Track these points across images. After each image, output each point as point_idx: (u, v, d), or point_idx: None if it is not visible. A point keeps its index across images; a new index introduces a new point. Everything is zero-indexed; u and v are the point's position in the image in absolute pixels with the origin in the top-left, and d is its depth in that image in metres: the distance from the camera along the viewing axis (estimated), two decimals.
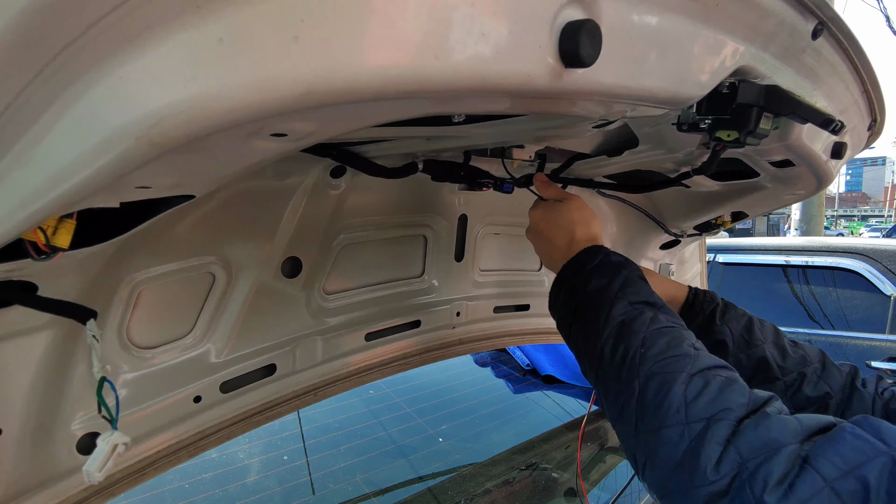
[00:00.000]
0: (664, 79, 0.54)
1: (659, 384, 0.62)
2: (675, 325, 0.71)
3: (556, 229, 0.91)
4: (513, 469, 1.56)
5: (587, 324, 0.75)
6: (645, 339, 0.67)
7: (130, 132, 0.33)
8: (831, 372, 0.86)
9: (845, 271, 3.83)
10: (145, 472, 0.86)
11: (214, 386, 0.92)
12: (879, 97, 1.01)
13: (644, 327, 0.69)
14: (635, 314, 0.71)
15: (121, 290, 0.78)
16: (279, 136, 0.40)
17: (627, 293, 0.75)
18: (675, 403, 0.59)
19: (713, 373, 0.62)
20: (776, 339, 0.91)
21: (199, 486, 1.28)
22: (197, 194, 0.49)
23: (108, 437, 0.56)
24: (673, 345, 0.66)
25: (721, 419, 0.56)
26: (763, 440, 0.53)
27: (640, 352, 0.66)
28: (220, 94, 0.32)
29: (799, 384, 0.85)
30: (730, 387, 0.60)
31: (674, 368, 0.63)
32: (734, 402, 0.58)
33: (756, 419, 0.55)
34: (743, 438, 0.54)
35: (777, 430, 0.53)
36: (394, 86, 0.36)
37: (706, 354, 0.66)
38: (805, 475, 0.48)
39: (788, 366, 0.87)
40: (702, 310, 0.95)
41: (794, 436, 0.53)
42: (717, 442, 0.54)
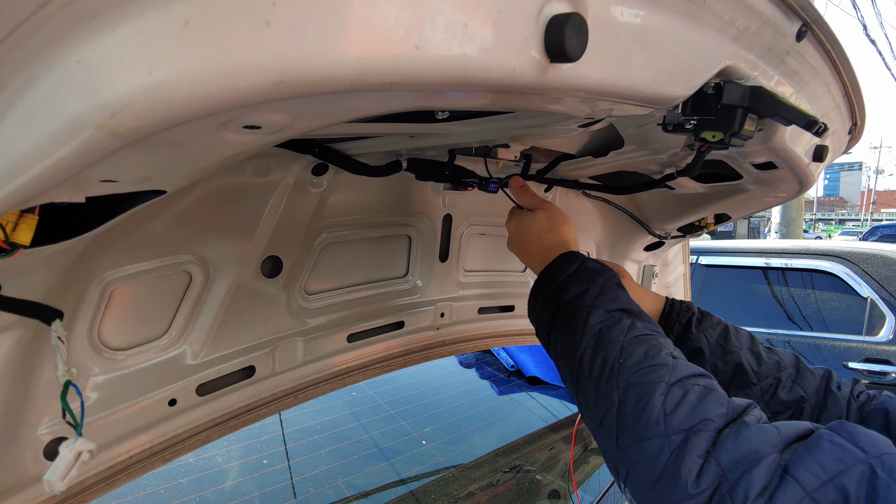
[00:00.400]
0: (650, 77, 0.54)
1: (638, 395, 0.62)
2: (652, 333, 0.71)
3: (529, 238, 0.92)
4: (497, 471, 1.55)
5: (565, 332, 0.75)
6: (623, 348, 0.68)
7: (90, 121, 0.31)
8: (805, 376, 0.87)
9: (823, 273, 3.90)
10: (116, 479, 0.83)
11: (191, 388, 0.89)
12: (860, 101, 1.02)
13: (622, 336, 0.69)
14: (613, 322, 0.71)
15: (91, 289, 0.75)
16: (253, 128, 0.38)
17: (605, 301, 0.75)
18: (655, 415, 0.59)
19: (691, 382, 0.62)
20: (751, 346, 0.92)
21: (175, 491, 1.24)
22: (168, 189, 0.47)
23: (71, 444, 0.53)
24: (651, 354, 0.66)
25: (700, 430, 0.56)
26: (743, 451, 0.53)
27: (618, 361, 0.66)
28: (185, 82, 0.30)
29: (774, 389, 0.86)
30: (708, 396, 0.60)
31: (652, 378, 0.63)
32: (713, 413, 0.58)
33: (735, 429, 0.55)
34: (723, 450, 0.54)
35: (756, 439, 0.53)
36: (371, 77, 0.34)
37: (684, 363, 0.66)
38: (785, 486, 0.49)
39: (764, 371, 0.87)
40: (678, 319, 0.96)
41: (774, 445, 0.53)
42: (697, 454, 0.54)
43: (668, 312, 0.98)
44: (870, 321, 3.57)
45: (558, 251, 0.86)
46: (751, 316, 4.05)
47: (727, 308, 4.14)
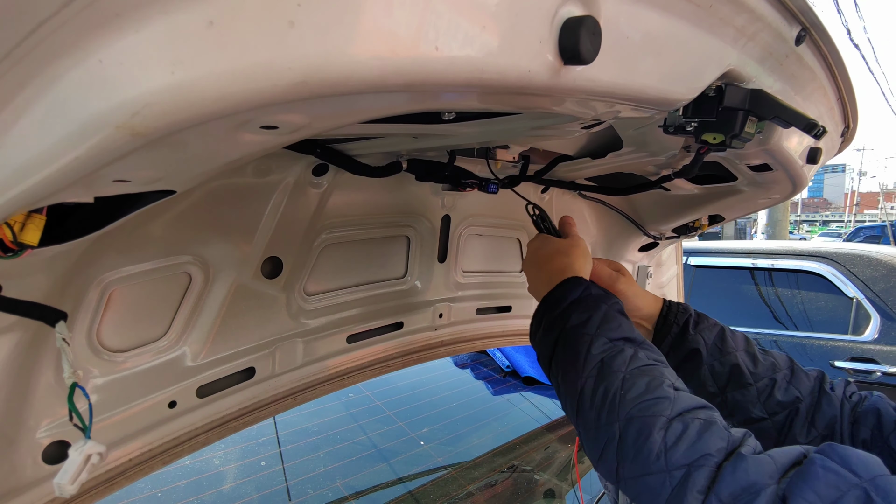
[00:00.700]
0: (657, 80, 0.54)
1: (639, 429, 0.62)
2: (655, 364, 0.71)
3: (545, 260, 0.92)
4: (494, 471, 1.55)
5: (567, 361, 0.74)
6: (625, 380, 0.68)
7: (110, 121, 0.31)
8: (800, 377, 0.88)
9: (810, 274, 3.95)
10: (115, 482, 0.82)
11: (190, 390, 0.88)
12: (854, 104, 1.04)
13: (624, 366, 0.69)
14: (615, 352, 0.71)
15: (91, 290, 0.74)
16: (270, 128, 0.38)
17: (607, 329, 0.75)
18: (655, 450, 0.60)
19: (692, 416, 0.62)
20: (747, 347, 0.93)
21: (172, 495, 1.23)
22: (178, 189, 0.47)
23: (80, 446, 0.52)
24: (653, 386, 0.66)
25: (701, 465, 0.56)
26: (742, 484, 0.53)
27: (619, 393, 0.66)
28: (208, 82, 0.30)
29: (770, 389, 0.87)
30: (708, 430, 0.60)
31: (653, 412, 0.63)
32: (713, 447, 0.58)
33: (733, 462, 0.56)
34: (722, 484, 0.54)
35: (754, 471, 0.54)
36: (393, 77, 0.34)
37: (685, 395, 0.66)
38: None
39: (760, 372, 0.89)
40: (675, 321, 0.96)
41: (771, 476, 0.53)
42: (698, 490, 0.55)
43: (666, 314, 0.98)
44: (855, 321, 3.62)
45: (565, 275, 0.85)
46: (739, 316, 4.10)
47: (716, 308, 4.18)
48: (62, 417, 0.74)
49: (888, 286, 3.55)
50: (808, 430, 0.84)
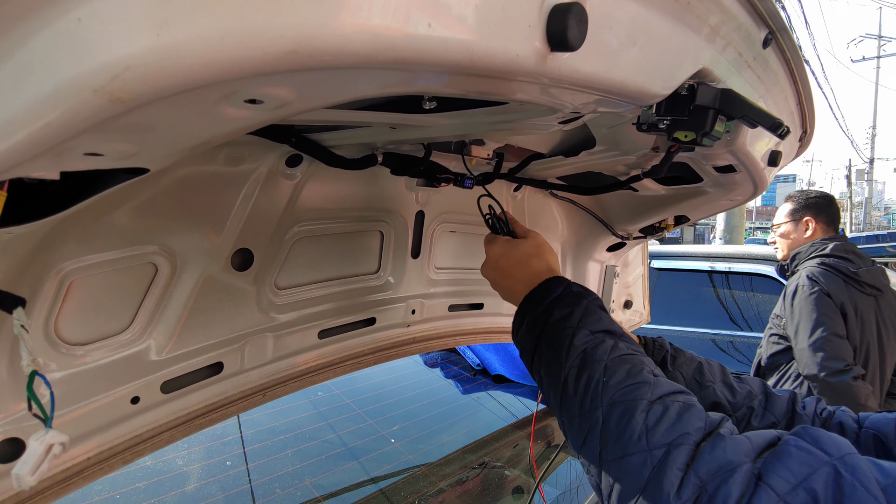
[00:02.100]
0: (637, 73, 0.55)
1: (621, 412, 0.64)
2: (635, 353, 0.73)
3: (517, 264, 0.92)
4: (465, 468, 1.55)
5: (550, 354, 0.76)
6: (607, 368, 0.69)
7: (87, 84, 0.29)
8: (774, 401, 0.92)
9: (762, 277, 4.12)
10: (72, 482, 0.78)
11: (154, 386, 0.84)
12: (812, 110, 1.09)
13: (606, 355, 0.71)
14: (597, 343, 0.73)
15: (49, 279, 0.70)
16: (254, 102, 0.36)
17: (588, 322, 0.77)
18: (637, 431, 0.61)
19: (672, 398, 0.65)
20: (724, 378, 0.95)
21: (131, 496, 1.17)
22: (151, 168, 0.45)
23: (42, 436, 0.49)
24: (633, 372, 0.68)
25: (680, 444, 0.58)
26: (719, 462, 0.55)
27: (602, 380, 0.68)
28: (195, 46, 0.29)
29: (748, 418, 0.90)
30: (688, 412, 0.62)
31: (635, 396, 0.65)
32: (692, 427, 0.60)
33: (712, 441, 0.58)
34: (701, 462, 0.56)
35: (731, 450, 0.56)
36: (384, 52, 0.34)
37: (665, 381, 0.69)
38: (760, 493, 0.51)
39: (737, 401, 0.92)
40: (653, 357, 0.98)
41: (747, 454, 0.56)
42: (677, 467, 0.56)
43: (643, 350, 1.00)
44: None
45: (545, 276, 0.87)
46: (698, 318, 4.24)
47: (677, 310, 4.31)
48: (15, 413, 0.70)
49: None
50: None
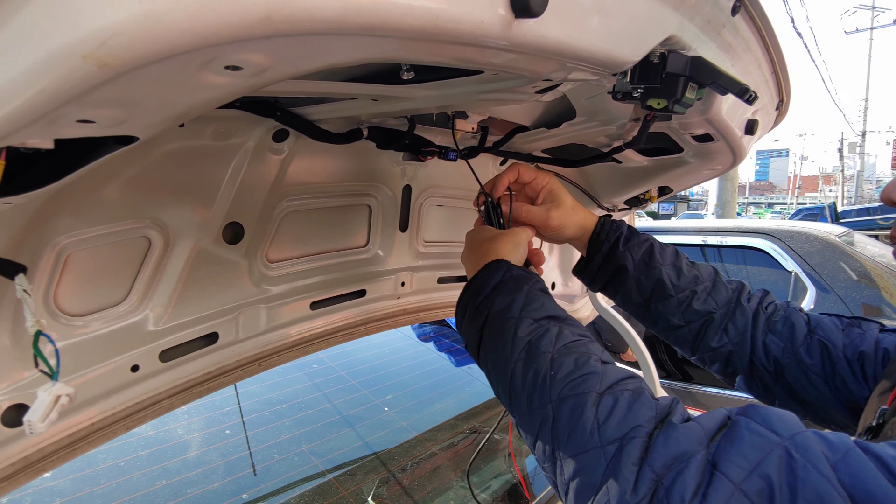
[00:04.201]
0: (604, 39, 0.58)
1: (571, 407, 0.63)
2: (580, 339, 0.72)
3: (476, 246, 0.91)
4: (457, 434, 1.61)
5: (494, 347, 0.74)
6: (553, 360, 0.68)
7: (77, 50, 0.31)
8: (720, 289, 0.95)
9: (754, 250, 4.18)
10: (77, 447, 0.82)
11: (153, 354, 0.88)
12: (786, 78, 1.11)
13: (551, 346, 0.70)
14: (541, 332, 0.72)
15: (46, 253, 0.73)
16: (233, 69, 0.39)
17: (531, 310, 0.75)
18: (588, 427, 0.60)
19: (620, 387, 0.63)
20: (674, 261, 0.97)
21: (135, 463, 1.22)
22: (141, 136, 0.47)
23: (49, 388, 0.52)
24: (580, 363, 0.67)
25: (633, 437, 0.57)
26: (673, 453, 0.54)
27: (549, 374, 0.67)
28: (175, 14, 0.31)
29: (689, 300, 0.93)
30: (637, 401, 0.61)
31: (584, 389, 0.63)
32: (643, 417, 0.59)
33: (664, 431, 0.57)
34: (655, 455, 0.55)
35: (684, 440, 0.55)
36: (352, 18, 0.36)
37: (612, 368, 0.67)
38: (715, 482, 0.50)
39: (682, 284, 0.94)
40: (607, 238, 0.99)
41: (700, 442, 0.55)
42: (632, 462, 0.55)
43: (599, 231, 1.00)
44: (794, 293, 3.85)
45: (487, 259, 0.85)
46: None
47: None
48: (20, 380, 0.73)
49: (822, 260, 3.80)
50: (720, 337, 0.91)
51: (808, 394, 0.85)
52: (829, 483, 0.47)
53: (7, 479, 0.75)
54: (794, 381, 0.86)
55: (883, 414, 0.66)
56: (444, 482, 1.42)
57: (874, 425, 0.66)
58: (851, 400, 0.80)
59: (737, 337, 0.91)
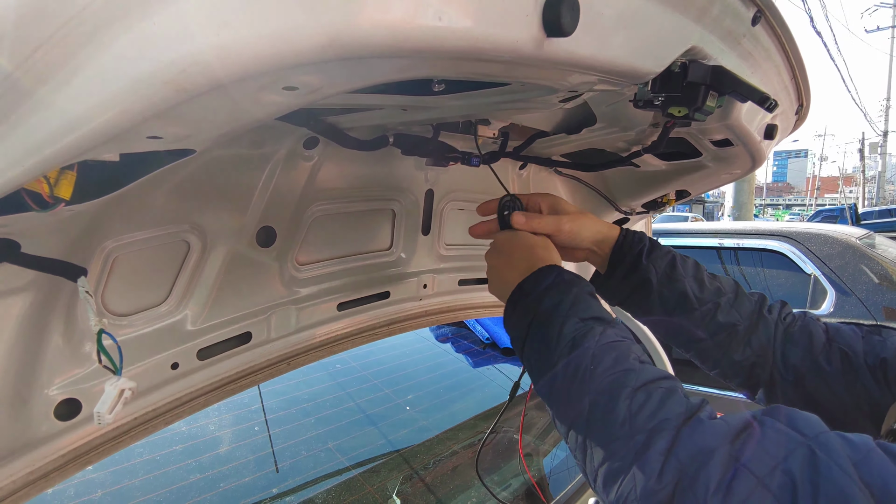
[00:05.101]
0: (629, 53, 0.61)
1: (607, 400, 0.66)
2: (622, 340, 0.75)
3: (523, 249, 0.94)
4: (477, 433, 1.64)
5: (540, 342, 0.78)
6: (595, 356, 0.71)
7: (160, 77, 0.35)
8: (742, 301, 0.95)
9: (772, 252, 4.14)
10: (121, 440, 0.86)
11: (191, 353, 0.92)
12: (806, 84, 1.13)
13: (593, 343, 0.73)
14: (585, 330, 0.75)
15: (96, 256, 0.77)
16: (291, 89, 0.42)
17: (578, 310, 0.78)
18: (621, 417, 0.63)
19: (655, 385, 0.66)
20: (696, 274, 0.98)
21: (171, 457, 1.27)
22: (198, 149, 0.51)
23: (114, 382, 0.57)
24: (620, 359, 0.70)
25: (662, 429, 0.60)
26: (699, 446, 0.57)
27: (589, 368, 0.70)
28: (248, 42, 0.35)
29: (713, 312, 0.93)
30: (670, 398, 0.64)
31: (620, 384, 0.67)
32: (672, 413, 0.62)
33: (691, 426, 0.59)
34: (681, 446, 0.58)
35: (710, 435, 0.58)
36: (403, 43, 0.39)
37: (650, 367, 0.70)
38: (739, 475, 0.52)
39: (705, 297, 0.95)
40: (630, 250, 1.00)
41: (725, 437, 0.57)
42: (659, 452, 0.58)
43: (622, 243, 1.01)
44: (813, 296, 3.81)
45: (542, 264, 0.89)
46: None
47: None
48: (72, 376, 0.78)
49: (842, 263, 3.76)
50: (744, 350, 0.91)
51: (829, 402, 0.85)
52: (851, 480, 0.48)
53: (58, 469, 0.79)
54: (814, 389, 0.86)
55: None
56: (465, 480, 1.45)
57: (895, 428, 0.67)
58: (874, 407, 0.81)
59: (759, 349, 0.91)
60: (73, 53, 0.36)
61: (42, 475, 0.76)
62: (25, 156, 0.41)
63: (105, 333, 0.60)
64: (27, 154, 0.41)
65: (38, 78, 0.37)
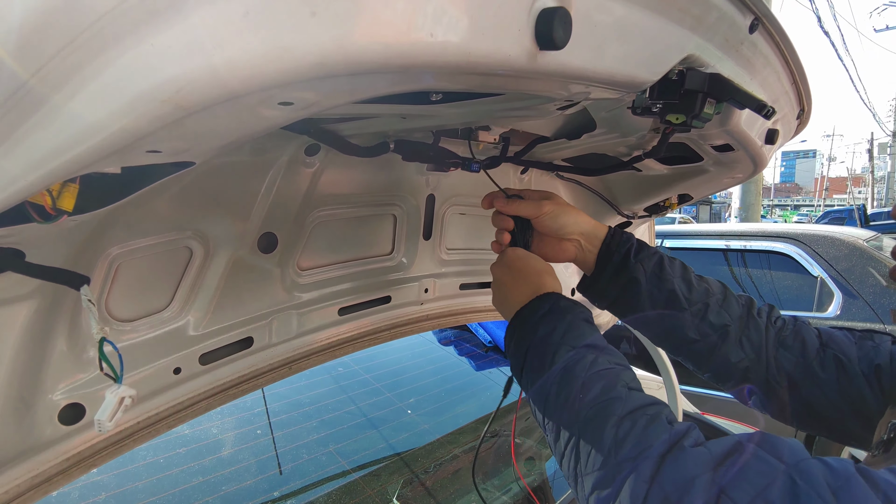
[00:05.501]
0: (623, 63, 0.61)
1: (594, 428, 0.68)
2: (612, 367, 0.76)
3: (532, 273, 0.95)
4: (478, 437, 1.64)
5: (535, 370, 0.80)
6: (584, 384, 0.73)
7: (157, 95, 0.36)
8: (731, 302, 0.95)
9: (779, 254, 4.11)
10: (124, 444, 0.87)
11: (193, 357, 0.93)
12: (807, 88, 1.12)
13: (584, 371, 0.75)
14: (577, 359, 0.77)
15: (100, 263, 0.78)
16: (286, 104, 0.43)
17: (570, 338, 0.80)
18: (608, 446, 0.65)
19: (641, 412, 0.67)
20: (684, 274, 0.98)
21: (174, 460, 1.28)
22: (197, 161, 0.52)
23: (115, 390, 0.58)
24: (607, 388, 0.71)
25: (647, 458, 0.61)
26: (682, 475, 0.57)
27: (579, 397, 0.72)
28: (242, 63, 0.35)
29: (704, 313, 0.93)
30: (653, 424, 0.65)
31: (608, 413, 0.68)
32: (657, 440, 0.63)
33: (675, 454, 0.60)
34: (665, 475, 0.58)
35: (692, 463, 0.58)
36: (395, 60, 0.40)
37: (637, 395, 0.71)
38: None
39: (694, 297, 0.95)
40: (618, 249, 1.00)
41: (707, 466, 0.57)
42: (643, 480, 0.59)
43: (609, 242, 1.02)
44: (819, 298, 3.79)
45: (542, 291, 0.90)
46: None
47: None
48: (76, 381, 0.79)
49: (850, 265, 3.73)
50: (738, 352, 0.91)
51: (824, 408, 0.85)
52: None
53: (62, 473, 0.80)
54: (809, 395, 0.86)
55: (893, 428, 0.67)
56: (465, 484, 1.45)
57: (885, 439, 0.67)
58: (867, 413, 0.81)
59: (752, 352, 0.91)
60: (74, 72, 0.37)
61: (46, 479, 0.78)
62: (28, 171, 0.42)
63: (106, 341, 0.61)
64: (30, 169, 0.42)
65: (41, 97, 0.38)
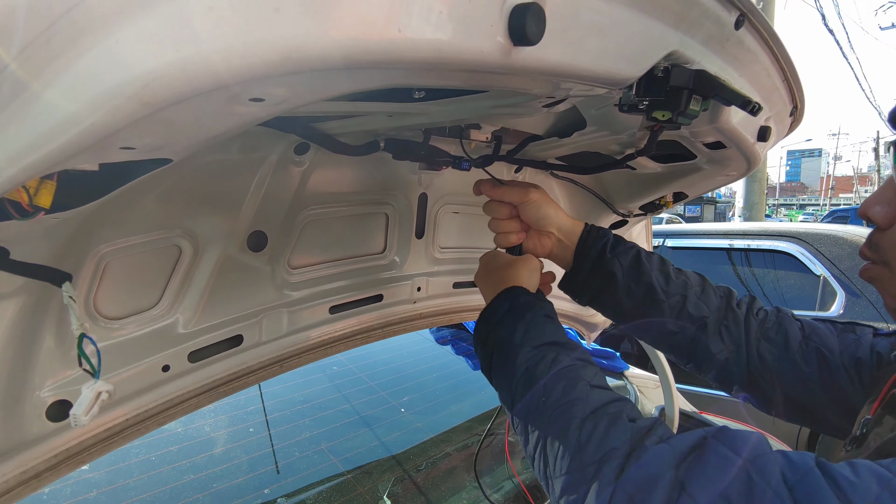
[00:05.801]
0: (603, 59, 0.61)
1: (558, 432, 0.68)
2: (574, 364, 0.76)
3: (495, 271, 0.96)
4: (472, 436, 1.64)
5: (500, 374, 0.80)
6: (546, 386, 0.73)
7: (124, 91, 0.36)
8: (709, 294, 0.96)
9: (782, 254, 4.09)
10: (113, 441, 0.88)
11: (182, 355, 0.94)
12: (798, 85, 1.12)
13: (545, 373, 0.74)
14: (538, 359, 0.76)
15: (87, 261, 0.79)
16: (257, 100, 0.43)
17: (531, 337, 0.80)
18: (571, 450, 0.65)
19: (602, 412, 0.68)
20: (661, 267, 0.98)
21: (166, 458, 1.29)
22: (174, 159, 0.52)
23: (91, 385, 0.58)
24: (568, 389, 0.71)
25: (609, 459, 0.61)
26: (644, 474, 0.58)
27: (542, 400, 0.72)
28: (206, 58, 0.36)
29: (682, 305, 0.94)
30: (614, 425, 0.65)
31: (569, 415, 0.68)
32: (619, 441, 0.63)
33: (637, 454, 0.60)
34: (627, 476, 0.59)
35: (654, 462, 0.58)
36: (362, 55, 0.40)
37: (598, 393, 0.71)
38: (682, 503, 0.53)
39: (672, 289, 0.95)
40: (594, 244, 1.01)
41: (668, 464, 0.57)
42: (607, 482, 0.59)
43: (585, 238, 1.02)
44: (822, 297, 3.77)
45: (502, 287, 0.90)
46: None
47: None
48: (64, 378, 0.80)
49: (853, 264, 3.71)
50: (717, 343, 0.92)
51: (806, 400, 0.86)
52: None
53: (51, 469, 0.81)
54: (792, 388, 0.87)
55: (866, 424, 0.67)
56: (457, 482, 1.46)
57: (858, 435, 0.67)
58: (848, 406, 0.81)
59: (732, 344, 0.91)
60: (42, 68, 0.37)
61: (34, 475, 0.78)
62: (3, 167, 0.42)
63: (87, 338, 0.61)
64: (5, 165, 0.42)
65: (11, 92, 0.38)
